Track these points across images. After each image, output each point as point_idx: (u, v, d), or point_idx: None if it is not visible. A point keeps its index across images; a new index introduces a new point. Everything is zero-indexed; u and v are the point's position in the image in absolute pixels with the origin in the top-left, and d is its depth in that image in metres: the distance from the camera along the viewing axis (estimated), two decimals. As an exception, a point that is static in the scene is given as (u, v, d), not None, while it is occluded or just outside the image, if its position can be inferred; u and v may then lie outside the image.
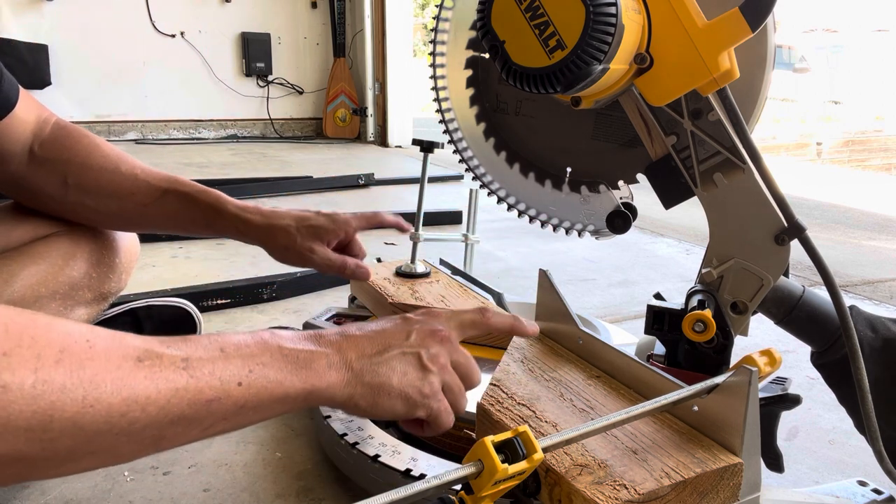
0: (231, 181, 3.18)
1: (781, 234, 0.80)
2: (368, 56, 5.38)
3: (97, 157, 0.89)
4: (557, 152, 0.98)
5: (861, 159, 9.36)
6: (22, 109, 0.83)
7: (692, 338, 0.79)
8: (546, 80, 0.69)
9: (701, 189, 0.83)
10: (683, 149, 0.84)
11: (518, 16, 0.69)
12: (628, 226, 0.93)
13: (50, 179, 0.86)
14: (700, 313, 0.78)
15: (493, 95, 0.98)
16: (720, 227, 0.84)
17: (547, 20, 0.68)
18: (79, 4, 4.83)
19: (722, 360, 0.83)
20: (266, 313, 1.54)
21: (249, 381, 0.50)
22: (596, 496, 0.53)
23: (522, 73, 0.70)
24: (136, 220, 0.92)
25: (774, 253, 0.81)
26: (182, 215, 0.92)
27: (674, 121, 0.83)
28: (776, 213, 0.81)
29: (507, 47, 0.70)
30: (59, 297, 0.85)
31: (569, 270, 1.97)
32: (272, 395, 0.52)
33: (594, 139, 0.95)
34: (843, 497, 0.80)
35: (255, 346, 0.52)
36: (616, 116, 0.93)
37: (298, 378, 0.53)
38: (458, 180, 3.49)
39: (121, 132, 5.13)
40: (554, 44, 0.68)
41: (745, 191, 0.81)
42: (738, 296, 0.84)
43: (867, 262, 2.17)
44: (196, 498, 0.85)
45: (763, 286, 0.82)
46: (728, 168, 0.82)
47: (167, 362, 0.46)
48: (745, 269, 0.83)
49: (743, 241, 0.83)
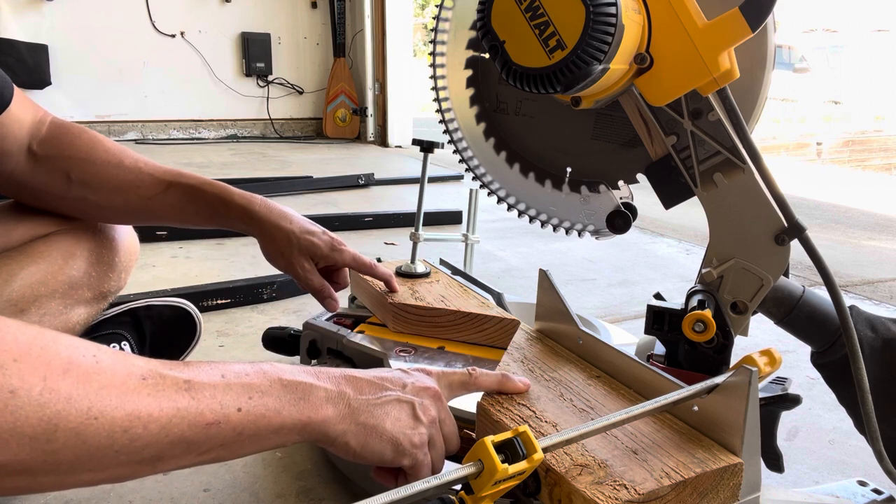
0: (231, 181, 3.17)
1: (781, 235, 0.80)
2: (368, 56, 5.38)
3: (99, 152, 0.89)
4: (557, 152, 0.98)
5: (861, 159, 9.35)
6: (18, 108, 0.82)
7: (692, 338, 0.79)
8: (546, 80, 0.69)
9: (701, 189, 0.83)
10: (683, 149, 0.84)
11: (518, 16, 0.69)
12: (628, 226, 0.94)
13: (52, 176, 0.86)
14: (700, 313, 0.78)
15: (494, 95, 0.98)
16: (720, 227, 0.84)
17: (547, 20, 0.68)
18: (79, 4, 4.83)
19: (722, 360, 0.83)
20: (266, 313, 1.54)
21: (249, 407, 0.51)
22: (596, 496, 0.53)
23: (522, 73, 0.69)
24: (140, 214, 0.93)
25: (774, 253, 0.81)
26: (187, 207, 0.92)
27: (674, 121, 0.83)
28: (776, 213, 0.80)
29: (506, 47, 0.70)
30: (59, 296, 0.85)
31: (569, 270, 1.97)
32: (269, 424, 0.52)
33: (594, 139, 0.95)
34: (843, 497, 0.80)
35: (255, 375, 0.53)
36: (616, 116, 0.93)
37: (296, 409, 0.54)
38: (458, 180, 3.49)
39: (121, 132, 5.13)
40: (554, 44, 0.68)
41: (745, 191, 0.81)
42: (738, 296, 0.84)
43: (867, 262, 2.17)
44: (196, 498, 0.85)
45: (763, 286, 0.82)
46: (728, 168, 0.82)
47: (170, 382, 0.47)
48: (746, 269, 0.82)
49: (743, 241, 0.82)
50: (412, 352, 0.95)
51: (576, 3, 0.66)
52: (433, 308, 1.00)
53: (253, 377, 0.53)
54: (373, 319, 1.06)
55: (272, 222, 0.94)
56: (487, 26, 0.70)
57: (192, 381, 0.48)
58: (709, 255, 0.84)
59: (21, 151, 0.85)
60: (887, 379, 0.80)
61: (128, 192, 0.89)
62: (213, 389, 0.49)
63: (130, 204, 0.90)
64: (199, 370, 0.50)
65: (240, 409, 0.50)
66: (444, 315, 1.00)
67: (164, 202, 0.91)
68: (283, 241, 0.94)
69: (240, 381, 0.51)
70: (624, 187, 0.97)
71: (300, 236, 0.95)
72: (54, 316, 0.84)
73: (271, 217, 0.94)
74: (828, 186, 4.41)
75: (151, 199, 0.90)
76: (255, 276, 1.68)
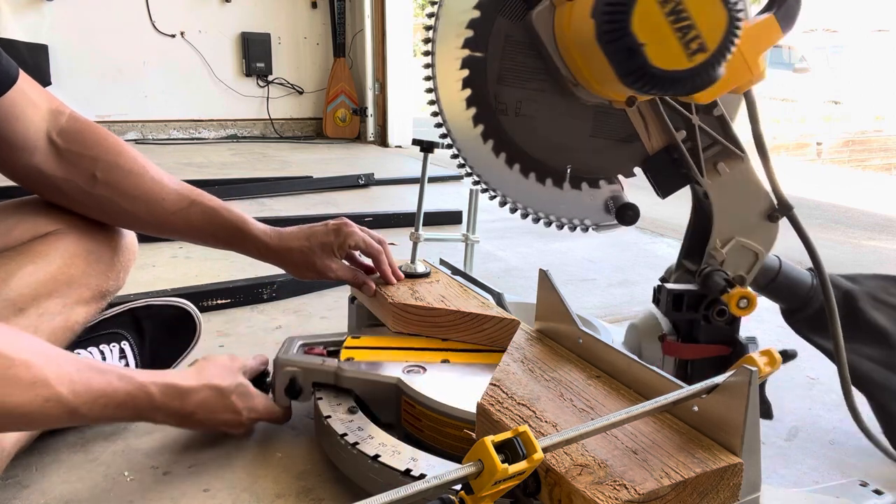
0: (231, 181, 3.18)
1: (773, 213, 0.94)
2: (368, 56, 5.38)
3: (126, 159, 0.90)
4: (557, 151, 0.99)
5: (861, 159, 9.35)
6: (28, 88, 0.83)
7: (737, 313, 0.88)
8: (688, 82, 0.72)
9: (707, 178, 0.92)
10: (688, 141, 0.93)
11: (660, 19, 0.70)
12: (637, 217, 1.01)
13: (77, 172, 0.87)
14: (744, 290, 0.87)
15: (492, 96, 0.98)
16: (723, 211, 0.94)
17: (690, 23, 0.70)
18: (79, 4, 4.82)
19: (734, 330, 0.95)
20: (266, 313, 1.54)
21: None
22: (596, 496, 0.53)
23: (662, 75, 0.71)
24: (161, 226, 0.95)
25: (767, 229, 0.95)
26: (206, 228, 0.96)
27: (684, 117, 0.91)
28: (769, 195, 0.93)
29: (647, 50, 0.71)
30: (58, 296, 0.85)
31: (569, 270, 1.97)
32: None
33: (593, 136, 0.99)
34: (843, 497, 0.80)
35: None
36: (614, 113, 0.97)
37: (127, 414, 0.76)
38: (458, 180, 3.48)
39: (121, 132, 5.13)
40: (696, 46, 0.71)
41: (743, 176, 0.93)
42: (737, 270, 0.95)
43: (867, 262, 2.17)
44: (196, 498, 0.85)
45: (758, 259, 0.95)
46: (729, 157, 0.93)
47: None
48: (744, 246, 0.95)
49: (742, 222, 0.94)
50: (422, 371, 0.91)
51: (719, 7, 0.70)
52: (433, 308, 1.00)
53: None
54: (348, 342, 0.99)
55: (284, 248, 0.98)
56: (626, 29, 0.71)
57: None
58: (714, 237, 0.94)
59: (41, 139, 0.85)
60: (848, 323, 0.97)
61: (152, 202, 0.91)
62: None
63: (153, 214, 0.92)
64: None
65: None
66: (444, 315, 1.00)
67: (184, 219, 0.93)
68: (300, 258, 0.99)
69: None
70: (616, 181, 1.02)
71: (311, 244, 0.99)
72: (53, 316, 0.84)
73: (281, 244, 0.98)
74: (828, 186, 4.41)
75: (174, 214, 0.93)
76: (255, 276, 1.68)
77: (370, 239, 1.06)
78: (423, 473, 0.74)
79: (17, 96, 0.81)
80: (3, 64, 0.80)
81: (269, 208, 2.69)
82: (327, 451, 0.89)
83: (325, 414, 0.87)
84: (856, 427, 1.01)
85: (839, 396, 0.98)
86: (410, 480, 0.66)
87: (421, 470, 0.75)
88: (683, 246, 1.02)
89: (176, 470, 0.90)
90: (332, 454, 0.87)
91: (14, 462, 0.86)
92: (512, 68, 0.95)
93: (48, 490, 0.85)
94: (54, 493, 0.85)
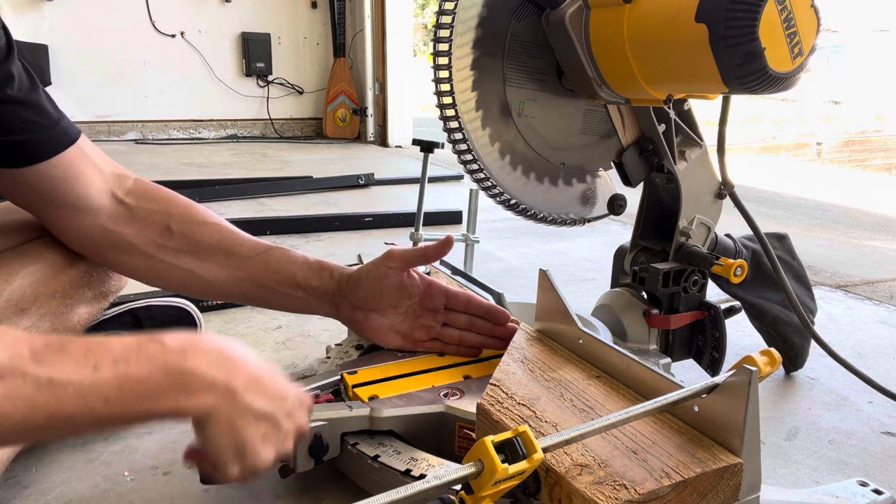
0: (231, 181, 3.18)
1: (721, 191, 1.06)
2: (368, 56, 5.38)
3: (200, 211, 0.89)
4: (554, 149, 1.03)
5: (861, 159, 9.35)
6: (93, 153, 0.82)
7: (735, 281, 0.97)
8: (785, 83, 0.78)
9: (676, 164, 1.02)
10: (665, 133, 1.01)
11: (777, 24, 0.76)
12: (625, 207, 1.13)
13: (150, 226, 0.85)
14: (740, 261, 0.97)
15: (498, 98, 0.98)
16: (689, 193, 1.04)
17: (796, 29, 0.77)
18: (79, 4, 4.83)
19: (703, 296, 1.09)
20: (266, 313, 1.54)
21: (118, 398, 0.51)
22: (596, 496, 0.53)
23: (775, 77, 0.77)
24: (239, 277, 0.89)
25: (717, 206, 1.08)
26: (285, 269, 0.90)
27: (664, 112, 1.00)
28: (716, 175, 1.06)
29: (766, 54, 0.76)
30: (60, 296, 0.85)
31: (569, 270, 1.97)
32: (138, 413, 0.53)
33: (582, 133, 1.07)
34: (843, 497, 0.80)
35: (136, 362, 0.53)
36: (597, 111, 1.06)
37: (173, 398, 0.54)
38: (458, 180, 3.49)
39: (121, 132, 5.13)
40: (797, 50, 0.77)
41: (702, 161, 1.05)
42: (696, 243, 1.06)
43: (867, 262, 2.16)
44: (196, 498, 0.85)
45: (710, 232, 1.08)
46: (690, 144, 1.04)
47: (30, 381, 0.48)
48: (702, 223, 1.07)
49: (700, 201, 1.06)
50: (460, 395, 0.84)
51: (811, 13, 0.77)
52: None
53: (133, 365, 0.52)
54: (352, 381, 0.88)
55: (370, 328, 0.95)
56: (755, 33, 0.74)
57: (54, 380, 0.48)
58: (682, 217, 1.05)
59: (105, 199, 0.83)
60: (756, 277, 1.13)
61: (230, 249, 0.88)
62: (79, 386, 0.49)
63: (230, 261, 0.88)
64: (68, 362, 0.50)
65: (107, 401, 0.50)
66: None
67: (263, 262, 0.89)
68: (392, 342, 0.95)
69: (114, 373, 0.51)
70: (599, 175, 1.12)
71: (396, 324, 0.94)
72: (55, 315, 0.84)
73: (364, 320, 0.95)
74: (828, 186, 4.41)
75: (251, 259, 0.89)
76: (255, 276, 1.67)
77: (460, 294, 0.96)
78: (423, 473, 0.74)
79: (76, 157, 0.79)
80: (63, 124, 0.79)
81: (268, 208, 2.69)
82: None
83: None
84: (856, 427, 1.01)
85: (839, 396, 0.99)
86: (410, 480, 0.66)
87: (421, 470, 0.75)
88: (636, 228, 1.12)
89: (176, 470, 0.90)
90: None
91: (14, 462, 0.86)
92: (517, 69, 0.97)
93: (48, 490, 0.86)
94: (54, 493, 0.85)
